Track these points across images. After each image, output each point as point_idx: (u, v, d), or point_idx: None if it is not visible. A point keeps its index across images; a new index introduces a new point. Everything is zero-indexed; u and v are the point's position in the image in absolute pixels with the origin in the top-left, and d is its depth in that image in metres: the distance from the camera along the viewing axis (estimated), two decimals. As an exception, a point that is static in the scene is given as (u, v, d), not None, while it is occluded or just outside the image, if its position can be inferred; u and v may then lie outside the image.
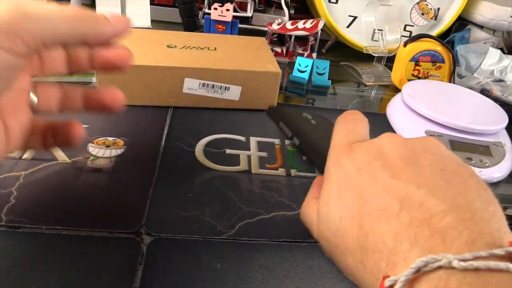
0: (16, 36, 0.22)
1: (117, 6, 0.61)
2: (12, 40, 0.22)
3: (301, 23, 0.67)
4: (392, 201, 0.21)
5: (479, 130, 0.47)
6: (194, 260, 0.29)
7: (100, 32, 0.26)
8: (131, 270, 0.28)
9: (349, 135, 0.27)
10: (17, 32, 0.22)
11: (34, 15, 0.23)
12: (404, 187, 0.21)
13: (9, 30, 0.22)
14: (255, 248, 0.31)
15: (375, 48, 0.71)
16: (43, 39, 0.23)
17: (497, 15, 0.72)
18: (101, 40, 0.26)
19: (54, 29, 0.23)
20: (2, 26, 0.21)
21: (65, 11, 0.24)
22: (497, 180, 0.45)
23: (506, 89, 0.61)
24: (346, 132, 0.28)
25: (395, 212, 0.21)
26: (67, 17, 0.24)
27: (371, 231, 0.21)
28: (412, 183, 0.21)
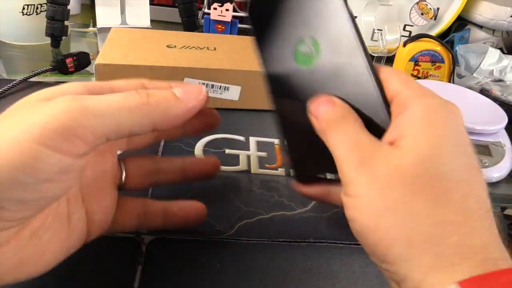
0: (74, 136, 0.20)
1: (117, 6, 0.61)
2: (70, 142, 0.20)
3: (301, 23, 0.67)
4: None
5: (478, 130, 0.47)
6: (194, 260, 0.29)
7: (171, 116, 0.23)
8: (131, 270, 0.28)
9: None
10: (76, 132, 0.20)
11: (94, 110, 0.21)
12: None
13: (66, 131, 0.20)
14: (255, 248, 0.31)
15: (374, 48, 0.71)
16: (107, 135, 0.21)
17: (496, 15, 0.72)
18: (174, 125, 0.24)
19: (118, 123, 0.21)
20: (58, 128, 0.20)
21: (129, 100, 0.22)
22: (497, 180, 0.45)
23: (506, 89, 0.61)
24: None
25: None
26: (131, 107, 0.22)
27: None
28: None
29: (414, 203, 0.20)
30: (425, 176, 0.21)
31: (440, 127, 0.22)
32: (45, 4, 0.60)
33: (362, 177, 0.22)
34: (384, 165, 0.22)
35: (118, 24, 0.61)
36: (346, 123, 0.24)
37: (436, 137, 0.22)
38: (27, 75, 0.51)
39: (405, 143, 0.22)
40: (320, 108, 0.25)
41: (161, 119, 0.23)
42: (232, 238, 0.32)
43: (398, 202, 0.21)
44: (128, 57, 0.47)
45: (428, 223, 0.20)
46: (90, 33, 0.71)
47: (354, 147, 0.23)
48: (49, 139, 0.19)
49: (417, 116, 0.23)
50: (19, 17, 0.61)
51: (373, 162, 0.22)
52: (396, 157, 0.22)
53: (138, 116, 0.22)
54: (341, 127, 0.24)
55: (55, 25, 0.59)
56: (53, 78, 0.54)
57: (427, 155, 0.21)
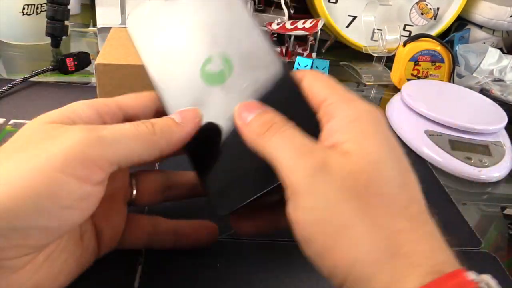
0: (93, 165, 0.21)
1: (117, 6, 0.61)
2: (89, 170, 0.21)
3: (301, 23, 0.67)
4: None
5: (478, 129, 0.47)
6: (194, 260, 0.29)
7: (174, 141, 0.24)
8: (131, 270, 0.28)
9: None
10: (94, 161, 0.21)
11: (109, 140, 0.22)
12: None
13: (85, 160, 0.21)
14: (255, 248, 0.31)
15: (374, 48, 0.71)
16: (120, 162, 0.22)
17: (496, 14, 0.72)
18: (177, 149, 0.25)
19: (130, 151, 0.23)
20: (77, 155, 0.21)
21: (139, 130, 0.23)
22: (496, 179, 0.45)
23: (506, 89, 0.61)
24: None
25: None
26: (141, 136, 0.23)
27: None
28: None
29: (370, 215, 0.20)
30: (375, 183, 0.20)
31: (374, 131, 0.22)
32: (45, 4, 0.60)
33: (319, 185, 0.20)
34: (339, 172, 0.20)
35: (118, 24, 0.61)
36: (285, 127, 0.22)
37: (374, 141, 0.21)
38: (27, 75, 0.51)
39: (350, 147, 0.21)
40: (250, 114, 0.23)
41: (166, 145, 0.24)
42: (232, 238, 0.32)
43: (356, 216, 0.20)
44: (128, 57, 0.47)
45: (383, 236, 0.19)
46: (90, 33, 0.71)
47: (304, 153, 0.21)
48: (70, 168, 0.20)
49: (348, 120, 0.22)
50: (19, 17, 0.61)
51: (327, 169, 0.20)
52: (349, 164, 0.20)
53: (147, 145, 0.23)
54: (281, 132, 0.22)
55: (55, 25, 0.59)
56: (53, 78, 0.54)
57: (375, 160, 0.21)
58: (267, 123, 0.23)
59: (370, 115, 0.22)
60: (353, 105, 0.23)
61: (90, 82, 0.54)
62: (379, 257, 0.19)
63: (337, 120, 0.22)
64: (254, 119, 0.23)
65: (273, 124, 0.23)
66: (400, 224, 0.20)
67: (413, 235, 0.20)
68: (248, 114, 0.24)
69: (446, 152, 0.45)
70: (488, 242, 0.36)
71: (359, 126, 0.22)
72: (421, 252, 0.19)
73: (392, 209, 0.20)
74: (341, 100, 0.23)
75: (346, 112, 0.22)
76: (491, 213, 0.41)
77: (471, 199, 0.42)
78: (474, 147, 0.46)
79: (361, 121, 0.22)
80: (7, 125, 0.43)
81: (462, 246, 0.34)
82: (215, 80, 0.27)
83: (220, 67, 0.27)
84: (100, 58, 0.42)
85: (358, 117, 0.22)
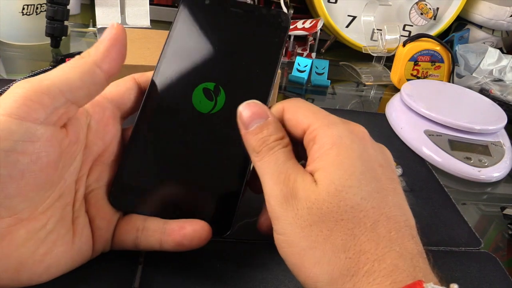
0: (31, 102, 0.21)
1: (117, 6, 0.61)
2: (28, 107, 0.21)
3: (300, 23, 0.67)
4: None
5: (478, 129, 0.47)
6: (194, 260, 0.29)
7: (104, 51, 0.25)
8: (131, 270, 0.28)
9: None
10: (30, 97, 0.21)
11: (40, 77, 0.23)
12: None
13: (21, 98, 0.21)
14: (255, 248, 0.31)
15: (374, 48, 0.72)
16: (63, 94, 0.23)
17: (496, 14, 0.72)
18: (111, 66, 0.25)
19: (66, 79, 0.23)
20: (17, 99, 0.21)
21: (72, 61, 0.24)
22: (496, 179, 0.45)
23: (505, 89, 0.61)
24: None
25: None
26: (73, 63, 0.24)
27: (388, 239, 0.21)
28: None
29: (331, 239, 0.21)
30: (338, 210, 0.22)
31: (347, 156, 0.23)
32: (45, 4, 0.60)
33: (287, 213, 0.23)
34: (305, 200, 0.23)
35: (118, 24, 0.61)
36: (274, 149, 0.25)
37: (344, 168, 0.23)
38: (27, 75, 0.51)
39: (319, 177, 0.23)
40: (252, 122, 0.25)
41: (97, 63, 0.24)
42: (232, 238, 0.32)
43: (318, 239, 0.22)
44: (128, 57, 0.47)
45: (344, 257, 0.21)
46: (90, 33, 0.71)
47: (281, 180, 0.24)
48: (7, 108, 0.21)
49: (325, 148, 0.24)
50: (19, 17, 0.61)
51: (295, 198, 0.23)
52: (314, 192, 0.23)
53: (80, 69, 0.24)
54: (269, 154, 0.25)
55: (55, 25, 0.59)
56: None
57: (338, 189, 0.22)
58: (263, 141, 0.25)
59: (348, 139, 0.24)
60: (332, 130, 0.24)
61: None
62: (338, 276, 0.21)
63: (316, 147, 0.24)
64: (255, 130, 0.25)
65: (267, 144, 0.25)
66: (364, 245, 0.21)
67: (375, 255, 0.21)
68: (251, 120, 0.25)
69: (446, 152, 0.45)
70: (488, 242, 0.36)
71: (332, 153, 0.23)
72: (383, 270, 0.20)
73: (356, 232, 0.21)
74: (323, 125, 0.25)
75: (325, 139, 0.24)
76: (491, 213, 0.41)
77: (471, 199, 0.43)
78: (474, 147, 0.46)
79: (335, 148, 0.23)
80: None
81: (462, 246, 0.34)
82: (200, 105, 0.28)
83: (214, 98, 0.28)
84: (100, 58, 0.42)
85: (334, 144, 0.24)
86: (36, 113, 0.21)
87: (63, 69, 0.24)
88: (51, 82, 0.22)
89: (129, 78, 0.29)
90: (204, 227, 0.26)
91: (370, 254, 0.21)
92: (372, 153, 0.24)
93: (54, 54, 0.61)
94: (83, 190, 0.26)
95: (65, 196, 0.25)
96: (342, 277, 0.21)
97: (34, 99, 0.22)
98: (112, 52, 0.25)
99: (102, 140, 0.27)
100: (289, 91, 0.61)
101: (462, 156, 0.45)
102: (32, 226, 0.23)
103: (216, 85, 0.28)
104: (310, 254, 0.22)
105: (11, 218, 0.22)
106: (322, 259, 0.21)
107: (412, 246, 0.22)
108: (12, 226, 0.22)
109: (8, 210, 0.22)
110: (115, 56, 0.25)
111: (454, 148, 0.46)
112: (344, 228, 0.22)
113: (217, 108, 0.28)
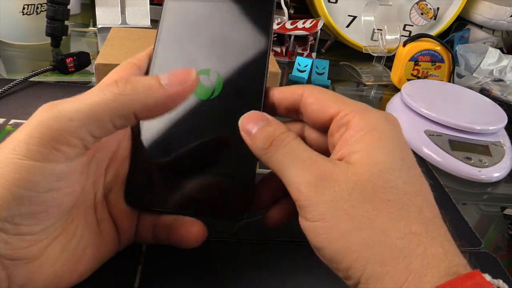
0: (57, 143, 0.20)
1: (117, 6, 0.61)
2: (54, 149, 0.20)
3: (301, 23, 0.67)
4: None
5: (478, 129, 0.47)
6: (194, 260, 0.29)
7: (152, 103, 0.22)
8: (131, 270, 0.28)
9: None
10: (57, 139, 0.20)
11: (68, 113, 0.21)
12: None
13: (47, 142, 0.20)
14: (255, 248, 0.31)
15: (374, 48, 0.71)
16: (90, 133, 0.21)
17: (496, 14, 0.72)
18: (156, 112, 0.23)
19: (97, 119, 0.21)
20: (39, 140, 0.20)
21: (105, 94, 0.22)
22: (496, 180, 0.45)
23: (506, 89, 0.61)
24: None
25: None
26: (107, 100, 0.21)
27: None
28: None
29: (379, 219, 0.20)
30: (383, 190, 0.21)
31: (386, 141, 0.22)
32: (45, 4, 0.60)
33: (324, 197, 0.21)
34: (344, 182, 0.21)
35: (118, 24, 0.61)
36: (286, 140, 0.23)
37: (386, 152, 0.22)
38: (27, 75, 0.51)
39: (358, 158, 0.22)
40: (254, 126, 0.24)
41: (140, 106, 0.22)
42: (232, 238, 0.32)
43: (364, 220, 0.20)
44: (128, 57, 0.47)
45: (395, 237, 0.20)
46: (90, 33, 0.71)
47: (307, 165, 0.22)
48: (34, 153, 0.20)
49: (364, 131, 0.23)
50: (19, 17, 0.61)
51: (331, 180, 0.21)
52: (354, 172, 0.21)
53: (116, 108, 0.22)
54: (283, 146, 0.23)
55: (55, 25, 0.59)
56: (53, 78, 0.54)
57: (382, 170, 0.21)
58: (270, 137, 0.23)
59: (385, 125, 0.23)
60: (370, 116, 0.23)
61: (90, 82, 0.54)
62: (391, 257, 0.20)
63: (351, 131, 0.23)
64: (258, 132, 0.24)
65: (275, 138, 0.23)
66: (414, 227, 0.20)
67: (427, 238, 0.20)
68: (252, 125, 0.24)
69: (446, 152, 0.45)
70: (488, 242, 0.36)
71: (372, 137, 0.22)
72: (435, 254, 0.20)
73: (403, 213, 0.21)
74: (357, 110, 0.24)
75: (362, 123, 0.23)
76: (491, 213, 0.41)
77: (471, 199, 0.43)
78: (474, 147, 0.46)
79: (374, 132, 0.23)
80: (7, 125, 0.43)
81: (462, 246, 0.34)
82: (200, 92, 0.28)
83: (212, 83, 0.27)
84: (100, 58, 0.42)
85: (373, 129, 0.23)
86: (66, 155, 0.21)
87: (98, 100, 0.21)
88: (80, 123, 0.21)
89: (128, 64, 0.28)
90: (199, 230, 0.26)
91: (421, 237, 0.20)
92: (406, 144, 0.24)
93: (54, 53, 0.61)
94: (102, 191, 0.26)
95: (86, 200, 0.25)
96: (394, 258, 0.20)
97: (63, 142, 0.21)
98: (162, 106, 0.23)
99: (117, 137, 0.27)
100: (289, 91, 0.61)
101: (462, 156, 0.45)
102: (64, 239, 0.23)
103: (211, 71, 0.28)
104: (356, 236, 0.20)
105: (48, 239, 0.22)
106: (371, 240, 0.20)
107: (451, 237, 0.21)
108: (49, 245, 0.22)
109: (45, 234, 0.22)
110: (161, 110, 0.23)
111: (454, 148, 0.46)
112: (392, 209, 0.20)
113: (217, 92, 0.27)
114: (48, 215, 0.21)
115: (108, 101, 0.21)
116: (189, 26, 0.29)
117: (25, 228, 0.21)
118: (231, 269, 0.29)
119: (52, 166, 0.21)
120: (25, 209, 0.20)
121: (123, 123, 0.22)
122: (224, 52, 0.28)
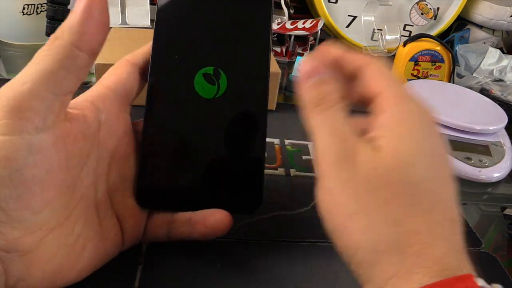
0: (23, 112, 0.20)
1: (117, 6, 0.61)
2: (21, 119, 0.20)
3: (301, 23, 0.67)
4: None
5: (478, 129, 0.47)
6: (194, 260, 0.29)
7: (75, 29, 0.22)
8: (131, 270, 0.28)
9: None
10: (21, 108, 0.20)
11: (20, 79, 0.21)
12: None
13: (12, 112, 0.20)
14: (255, 248, 0.31)
15: (374, 48, 0.71)
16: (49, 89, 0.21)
17: (496, 14, 0.72)
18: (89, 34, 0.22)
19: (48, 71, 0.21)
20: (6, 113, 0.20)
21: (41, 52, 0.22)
22: (497, 180, 0.45)
23: (506, 89, 0.61)
24: None
25: None
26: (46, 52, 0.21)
27: None
28: None
29: (386, 210, 0.21)
30: (399, 183, 0.21)
31: (418, 135, 0.22)
32: (45, 4, 0.60)
33: (342, 173, 0.22)
34: (364, 165, 0.22)
35: (118, 24, 0.61)
36: (333, 108, 0.24)
37: (413, 145, 0.22)
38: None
39: (385, 145, 0.22)
40: (312, 76, 0.24)
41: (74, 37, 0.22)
42: (232, 238, 0.32)
43: (371, 206, 0.21)
44: (128, 57, 0.47)
45: (395, 231, 0.20)
46: (90, 33, 0.71)
47: (339, 139, 0.23)
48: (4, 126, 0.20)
49: (395, 119, 0.23)
50: (19, 17, 0.61)
51: (354, 160, 0.22)
52: (376, 159, 0.22)
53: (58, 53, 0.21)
54: (327, 111, 0.23)
55: (55, 25, 0.59)
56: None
57: (404, 162, 0.21)
58: (322, 97, 0.24)
59: (419, 116, 0.23)
60: (404, 104, 0.23)
61: (90, 82, 0.54)
62: (384, 249, 0.20)
63: (385, 115, 0.23)
64: (314, 87, 0.24)
65: (325, 101, 0.24)
66: (416, 225, 0.20)
67: (427, 239, 0.20)
68: (310, 75, 0.24)
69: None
70: (488, 242, 0.36)
71: (403, 125, 0.22)
72: (431, 254, 0.19)
73: (410, 210, 0.20)
74: (395, 96, 0.24)
75: (396, 109, 0.23)
76: (491, 213, 0.41)
77: (471, 199, 0.42)
78: (474, 147, 0.46)
79: (406, 121, 0.23)
80: (7, 125, 0.43)
81: (462, 246, 0.34)
82: (204, 91, 0.27)
83: (215, 81, 0.27)
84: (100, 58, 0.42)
85: (405, 117, 0.23)
86: (33, 122, 0.20)
87: (41, 61, 0.21)
88: (33, 83, 0.21)
89: (124, 62, 0.28)
90: (225, 217, 0.27)
91: (422, 236, 0.20)
92: (439, 140, 0.23)
93: (54, 54, 0.61)
94: (104, 189, 0.26)
95: (86, 198, 0.25)
96: (388, 251, 0.20)
97: (24, 108, 0.20)
98: (89, 26, 0.22)
99: (116, 134, 0.26)
100: (289, 91, 0.60)
101: (463, 156, 0.45)
102: (61, 233, 0.23)
103: (215, 68, 0.28)
104: (357, 218, 0.21)
105: (42, 230, 0.22)
106: (370, 227, 0.20)
107: (460, 240, 0.21)
108: (43, 238, 0.22)
109: (37, 224, 0.22)
110: (94, 30, 0.22)
111: (455, 148, 0.46)
112: (401, 203, 0.20)
113: (221, 91, 0.27)
114: (34, 196, 0.21)
115: (48, 53, 0.21)
116: (187, 22, 0.29)
117: (14, 213, 0.20)
118: (231, 270, 0.29)
119: (23, 139, 0.20)
120: (7, 191, 0.20)
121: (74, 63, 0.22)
122: (225, 48, 0.28)
